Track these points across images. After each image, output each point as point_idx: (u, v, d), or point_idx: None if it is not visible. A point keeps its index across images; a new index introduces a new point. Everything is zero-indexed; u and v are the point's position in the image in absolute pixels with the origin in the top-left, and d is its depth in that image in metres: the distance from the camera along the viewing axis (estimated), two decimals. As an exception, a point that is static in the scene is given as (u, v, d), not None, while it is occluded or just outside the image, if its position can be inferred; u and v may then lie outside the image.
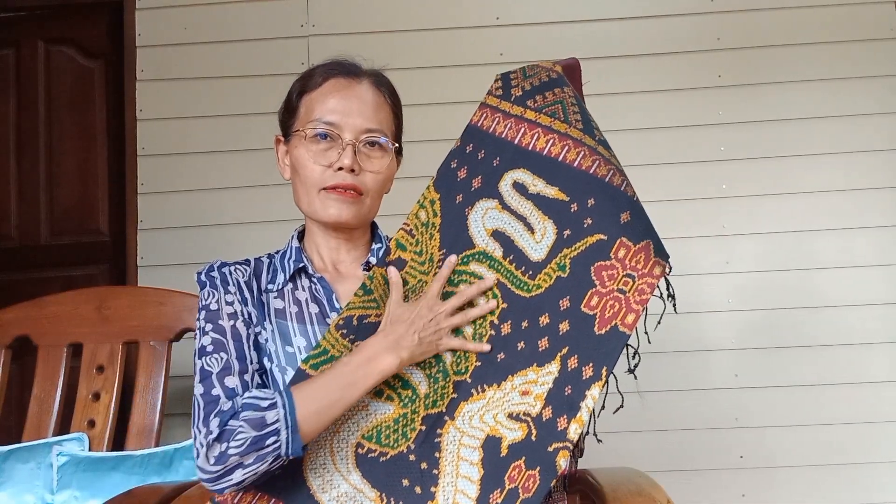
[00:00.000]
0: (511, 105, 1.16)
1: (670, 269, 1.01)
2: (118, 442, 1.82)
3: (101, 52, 2.83)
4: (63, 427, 1.81)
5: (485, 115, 1.18)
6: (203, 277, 1.19)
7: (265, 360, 1.14)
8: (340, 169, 1.14)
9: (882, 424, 2.39)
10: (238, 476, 1.00)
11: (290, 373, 1.11)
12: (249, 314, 1.14)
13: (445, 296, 1.11)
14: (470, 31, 2.57)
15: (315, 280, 1.19)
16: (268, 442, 0.99)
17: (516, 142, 1.14)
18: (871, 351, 2.42)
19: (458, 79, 2.52)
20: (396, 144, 1.20)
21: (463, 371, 1.06)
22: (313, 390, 1.03)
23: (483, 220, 1.13)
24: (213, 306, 1.14)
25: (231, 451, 0.99)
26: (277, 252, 1.25)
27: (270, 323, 1.15)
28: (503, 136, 1.15)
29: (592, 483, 1.18)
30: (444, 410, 1.05)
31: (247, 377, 1.08)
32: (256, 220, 2.50)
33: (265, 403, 1.02)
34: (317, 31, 2.57)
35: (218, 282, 1.17)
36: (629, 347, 1.01)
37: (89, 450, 1.77)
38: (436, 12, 2.58)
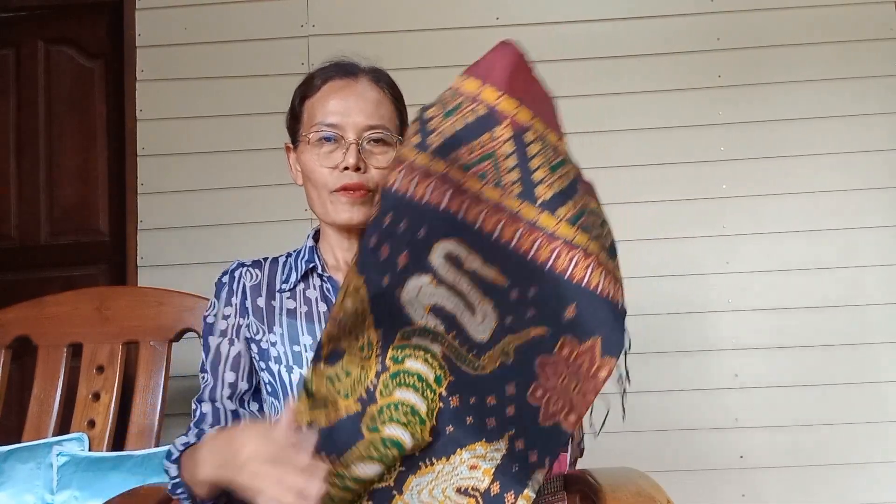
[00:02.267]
0: (431, 158, 0.96)
1: (629, 347, 0.94)
2: (118, 442, 1.82)
3: (101, 52, 2.83)
4: (63, 427, 1.81)
5: (402, 174, 0.97)
6: (216, 283, 1.26)
7: (272, 364, 1.17)
8: (347, 168, 1.15)
9: (882, 424, 2.39)
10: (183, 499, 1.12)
11: (297, 372, 1.14)
12: (241, 326, 1.20)
13: (395, 376, 1.02)
14: (470, 31, 2.57)
15: (325, 279, 1.22)
16: (178, 491, 1.10)
17: (442, 207, 0.96)
18: (871, 351, 2.42)
19: (458, 79, 2.52)
20: (401, 137, 1.20)
21: None
22: (192, 466, 1.06)
23: (418, 298, 0.99)
24: (210, 319, 1.23)
25: (168, 486, 1.12)
26: (295, 250, 1.28)
27: (280, 326, 1.18)
28: (426, 200, 0.96)
29: (592, 483, 1.18)
30: (391, 485, 1.01)
31: (218, 404, 1.18)
32: (256, 220, 2.50)
33: (172, 457, 1.12)
34: (317, 31, 2.57)
35: (224, 292, 1.23)
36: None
37: (89, 450, 1.77)
38: (436, 12, 2.58)
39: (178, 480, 1.10)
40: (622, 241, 1.14)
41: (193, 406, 1.20)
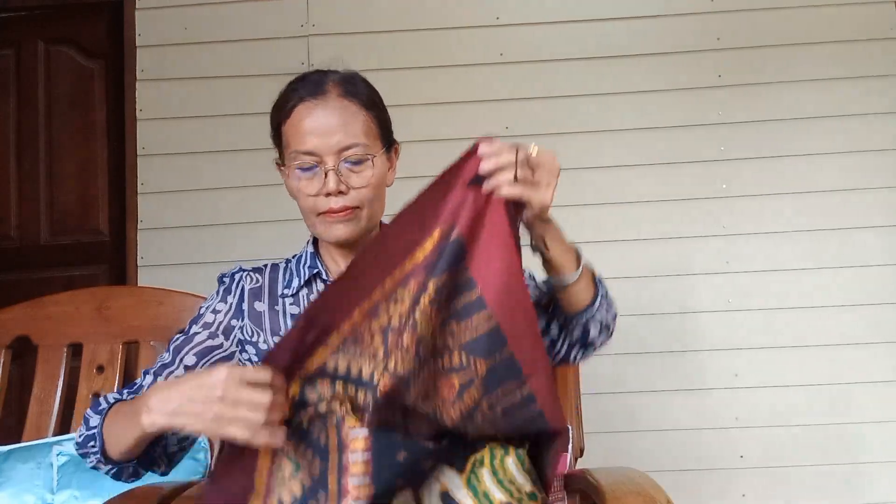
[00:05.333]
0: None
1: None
2: (118, 442, 1.82)
3: (101, 52, 2.83)
4: (63, 427, 1.81)
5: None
6: (217, 280, 1.26)
7: None
8: (329, 194, 1.14)
9: (881, 424, 2.39)
10: (91, 461, 1.12)
11: None
12: (234, 327, 1.20)
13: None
14: (470, 31, 2.57)
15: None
16: (89, 444, 1.10)
17: None
18: (870, 351, 2.42)
19: (458, 79, 2.52)
20: (377, 153, 1.18)
21: None
22: (112, 417, 1.08)
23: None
24: (202, 310, 1.23)
25: (77, 440, 1.11)
26: (294, 256, 1.28)
27: (285, 332, 1.17)
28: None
29: (592, 483, 1.18)
30: None
31: (160, 379, 1.16)
32: (256, 220, 2.50)
33: (99, 407, 1.11)
34: (317, 31, 2.57)
35: (221, 289, 1.24)
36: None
37: (89, 450, 1.76)
38: (436, 12, 2.57)
39: (94, 432, 1.08)
40: (622, 242, 1.15)
41: (140, 379, 1.18)
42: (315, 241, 1.27)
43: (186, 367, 1.17)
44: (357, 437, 0.95)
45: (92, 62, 2.85)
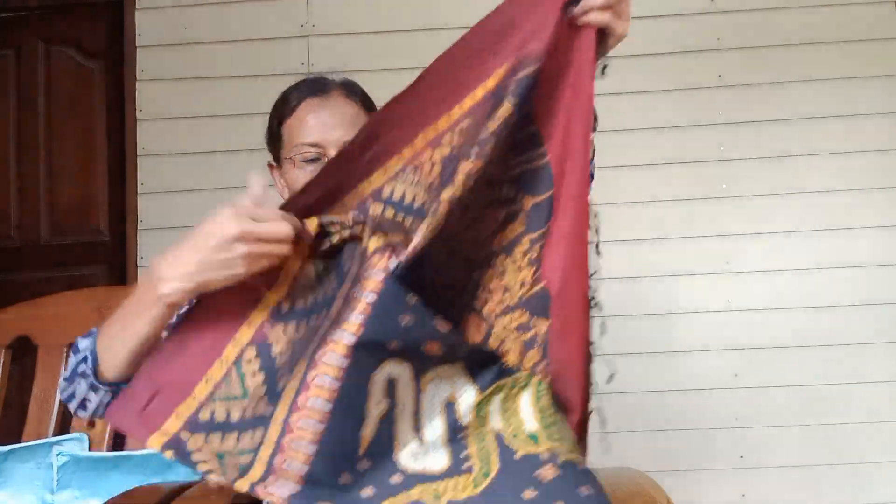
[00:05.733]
0: None
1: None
2: (118, 442, 1.82)
3: (101, 52, 2.83)
4: (63, 427, 1.81)
5: None
6: None
7: None
8: None
9: (881, 424, 2.39)
10: (73, 404, 1.03)
11: None
12: None
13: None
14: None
15: None
16: (78, 368, 1.01)
17: None
18: (870, 351, 2.42)
19: (458, 79, 2.52)
20: None
21: None
22: (108, 325, 1.01)
23: None
24: None
25: (64, 377, 1.04)
26: None
27: None
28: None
29: (592, 483, 1.18)
30: None
31: None
32: (256, 220, 2.50)
33: (89, 332, 1.04)
34: (317, 31, 2.57)
35: None
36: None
37: (89, 450, 1.77)
38: (435, 12, 2.57)
39: (85, 354, 1.01)
40: (622, 242, 1.15)
41: None
42: None
43: None
44: (370, 277, 0.88)
45: (92, 62, 2.85)
